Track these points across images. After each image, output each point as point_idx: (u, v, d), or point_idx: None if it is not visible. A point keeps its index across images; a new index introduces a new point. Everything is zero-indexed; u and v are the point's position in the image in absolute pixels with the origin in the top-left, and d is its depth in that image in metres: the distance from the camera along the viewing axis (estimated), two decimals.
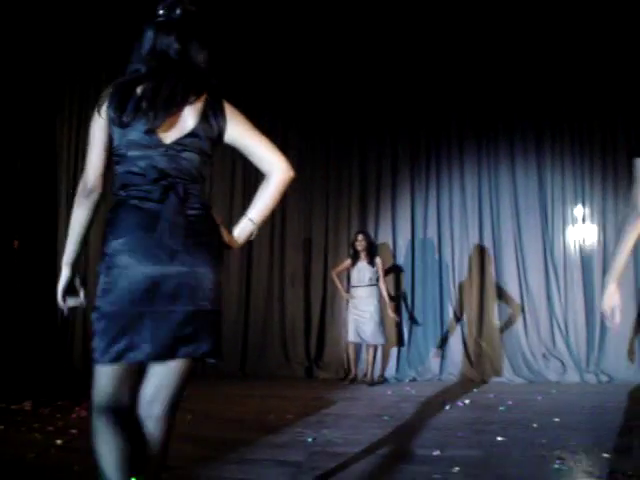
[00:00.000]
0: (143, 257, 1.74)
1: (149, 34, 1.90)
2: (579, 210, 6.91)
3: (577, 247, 6.86)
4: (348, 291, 6.49)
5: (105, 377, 1.74)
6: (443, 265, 7.07)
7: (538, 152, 7.04)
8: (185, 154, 1.82)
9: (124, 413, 1.76)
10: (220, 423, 4.28)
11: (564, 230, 6.92)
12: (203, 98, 1.84)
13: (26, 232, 6.66)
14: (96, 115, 1.83)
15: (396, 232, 7.20)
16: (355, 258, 6.38)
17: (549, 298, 6.80)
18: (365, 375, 6.41)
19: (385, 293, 6.42)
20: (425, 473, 2.82)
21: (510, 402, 5.03)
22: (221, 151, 1.99)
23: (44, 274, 7.02)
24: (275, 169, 1.90)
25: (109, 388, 1.74)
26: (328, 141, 7.47)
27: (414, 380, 6.59)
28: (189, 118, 1.82)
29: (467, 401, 5.09)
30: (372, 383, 6.23)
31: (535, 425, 4.01)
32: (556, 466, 2.95)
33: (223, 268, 1.91)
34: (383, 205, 7.31)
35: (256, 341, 7.14)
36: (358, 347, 6.62)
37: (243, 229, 1.92)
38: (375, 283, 6.32)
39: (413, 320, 7.03)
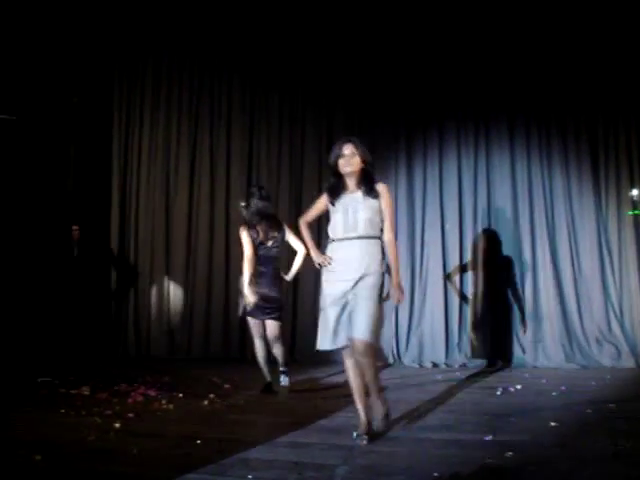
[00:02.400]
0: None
1: None
2: (634, 192, 6.72)
3: (632, 229, 6.68)
4: None
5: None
6: (495, 251, 6.97)
7: (590, 135, 6.87)
8: None
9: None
10: (271, 408, 4.34)
11: (618, 213, 6.74)
12: None
13: (82, 224, 6.84)
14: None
15: (444, 217, 7.11)
16: None
17: (603, 282, 6.65)
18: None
19: None
20: (478, 458, 2.80)
21: (563, 387, 4.95)
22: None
23: (100, 265, 7.23)
24: None
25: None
26: (374, 130, 7.43)
27: (464, 365, 6.55)
28: None
29: (519, 386, 5.04)
30: None
31: (589, 411, 3.95)
32: (612, 453, 2.90)
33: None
34: (430, 191, 7.23)
35: (305, 326, 7.19)
36: None
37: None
38: None
39: (466, 303, 6.95)
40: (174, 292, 7.45)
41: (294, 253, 5.08)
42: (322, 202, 3.68)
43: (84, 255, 6.89)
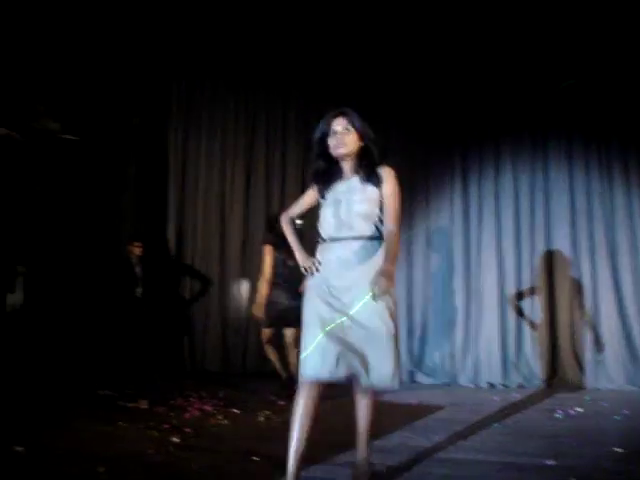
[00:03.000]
0: None
1: None
2: None
3: None
4: None
5: None
6: (553, 269, 6.82)
7: None
8: None
9: None
10: (327, 426, 4.33)
11: None
12: None
13: (141, 238, 6.99)
14: None
15: (500, 236, 7.00)
16: None
17: None
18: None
19: None
20: None
21: (626, 411, 4.80)
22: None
23: (157, 280, 7.37)
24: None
25: None
26: (429, 147, 7.40)
27: (521, 386, 6.41)
28: None
29: (579, 409, 4.90)
30: None
31: None
32: None
33: None
34: (486, 209, 7.13)
35: None
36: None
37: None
38: None
39: (523, 323, 6.82)
40: (229, 306, 7.53)
41: None
42: (310, 194, 3.01)
43: (144, 270, 7.04)
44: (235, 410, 4.61)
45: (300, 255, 2.96)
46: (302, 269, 2.92)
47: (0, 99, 4.82)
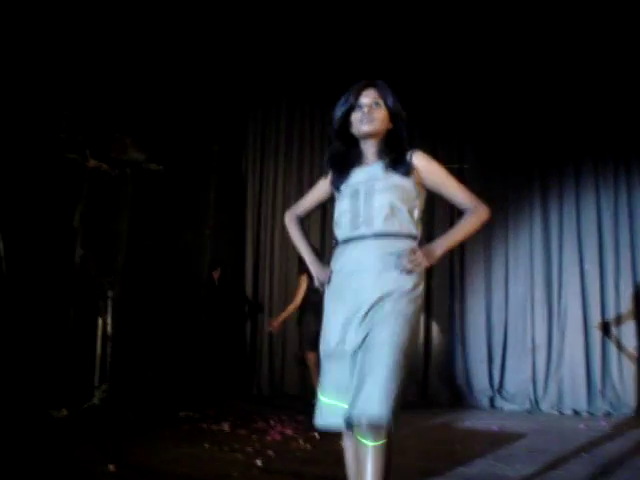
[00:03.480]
0: None
1: None
2: None
3: None
4: None
5: None
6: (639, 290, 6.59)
7: None
8: None
9: None
10: (405, 451, 4.29)
11: None
12: None
13: (219, 261, 7.17)
14: None
15: (582, 257, 6.80)
16: None
17: None
18: None
19: None
20: None
21: None
22: None
23: (236, 304, 7.53)
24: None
25: None
26: (507, 171, 7.31)
27: (608, 414, 6.17)
28: None
29: None
30: None
31: None
32: None
33: None
34: (567, 231, 6.95)
35: (437, 368, 7.09)
36: None
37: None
38: None
39: (610, 347, 6.58)
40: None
41: None
42: (322, 187, 2.50)
43: (222, 293, 7.20)
44: (315, 434, 4.63)
45: (313, 266, 2.46)
46: (316, 283, 2.43)
47: (91, 134, 5.07)
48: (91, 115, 5.15)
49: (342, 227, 2.30)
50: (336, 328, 2.18)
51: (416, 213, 2.28)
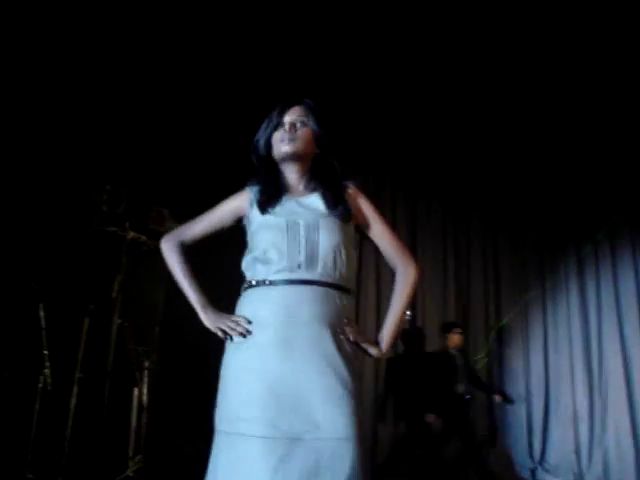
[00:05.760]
0: None
1: None
2: None
3: None
4: None
5: None
6: None
7: None
8: None
9: None
10: None
11: None
12: None
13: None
14: None
15: (622, 322, 6.67)
16: None
17: None
18: None
19: None
20: None
21: None
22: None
23: None
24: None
25: None
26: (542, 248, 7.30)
27: None
28: None
29: None
30: None
31: None
32: None
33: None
34: (605, 297, 6.84)
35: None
36: None
37: None
38: None
39: None
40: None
41: None
42: (232, 206, 2.05)
43: None
44: None
45: (204, 308, 1.96)
46: (218, 333, 1.91)
47: (130, 207, 5.23)
48: (130, 189, 5.32)
49: (272, 262, 1.84)
50: (266, 395, 1.73)
51: (355, 264, 1.94)
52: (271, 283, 1.84)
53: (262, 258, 1.86)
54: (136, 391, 5.25)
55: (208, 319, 1.93)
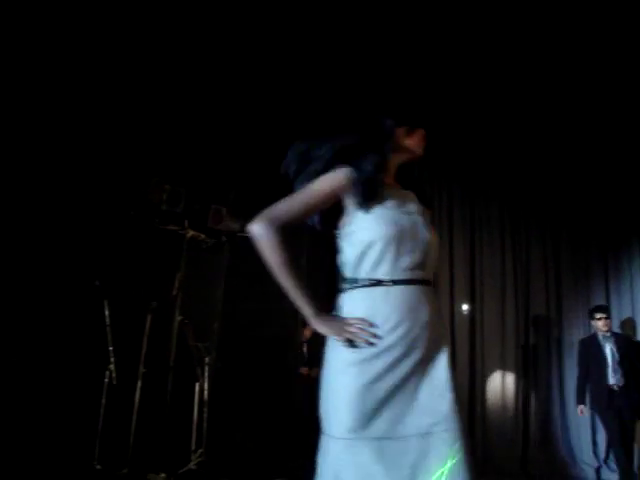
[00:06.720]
0: None
1: None
2: None
3: None
4: None
5: None
6: None
7: None
8: None
9: None
10: None
11: None
12: None
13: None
14: None
15: None
16: None
17: None
18: None
19: None
20: None
21: None
22: None
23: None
24: None
25: None
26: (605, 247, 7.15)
27: None
28: None
29: None
30: None
31: None
32: None
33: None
34: None
35: (538, 437, 6.77)
36: None
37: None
38: None
39: None
40: None
41: None
42: (333, 187, 1.80)
43: (312, 354, 7.19)
44: None
45: (319, 317, 1.78)
46: (341, 342, 1.73)
47: (189, 205, 5.33)
48: (189, 188, 5.42)
49: (389, 261, 1.74)
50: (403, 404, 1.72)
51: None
52: (394, 283, 1.74)
53: (380, 255, 1.75)
54: (197, 386, 5.36)
55: (329, 327, 1.76)
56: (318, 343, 6.34)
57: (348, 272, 1.82)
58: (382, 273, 1.74)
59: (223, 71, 5.71)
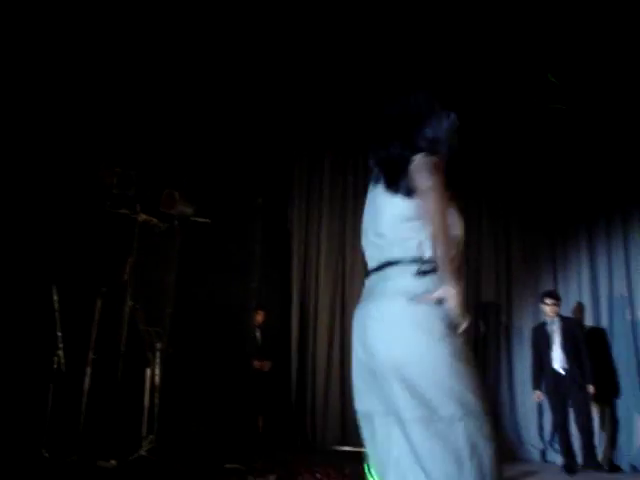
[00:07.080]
0: None
1: None
2: None
3: None
4: None
5: None
6: None
7: None
8: None
9: None
10: None
11: None
12: None
13: (264, 308, 7.20)
14: None
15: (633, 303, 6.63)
16: None
17: None
18: None
19: None
20: None
21: None
22: None
23: (280, 351, 7.53)
24: None
25: None
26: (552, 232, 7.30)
27: None
28: None
29: None
30: None
31: None
32: None
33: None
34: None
35: None
36: None
37: None
38: None
39: None
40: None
41: None
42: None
43: (265, 339, 7.19)
44: None
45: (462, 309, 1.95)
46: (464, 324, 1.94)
47: (141, 189, 5.25)
48: (141, 171, 5.33)
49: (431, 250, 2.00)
50: None
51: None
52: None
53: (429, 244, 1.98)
54: (148, 372, 5.30)
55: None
56: (270, 328, 6.39)
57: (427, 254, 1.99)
58: (430, 258, 2.01)
59: (179, 56, 5.63)
